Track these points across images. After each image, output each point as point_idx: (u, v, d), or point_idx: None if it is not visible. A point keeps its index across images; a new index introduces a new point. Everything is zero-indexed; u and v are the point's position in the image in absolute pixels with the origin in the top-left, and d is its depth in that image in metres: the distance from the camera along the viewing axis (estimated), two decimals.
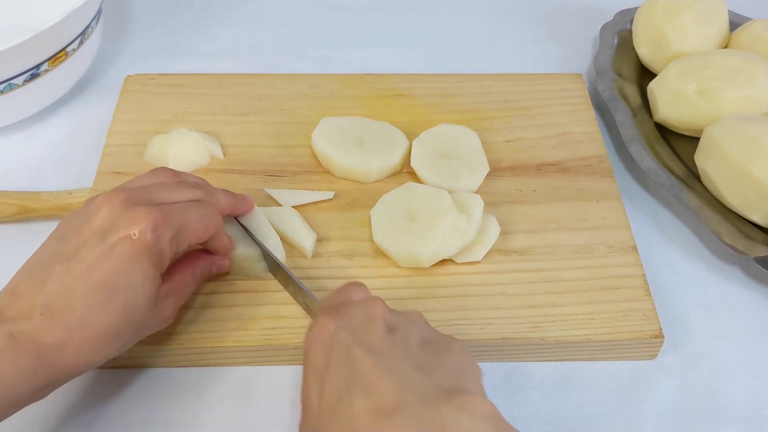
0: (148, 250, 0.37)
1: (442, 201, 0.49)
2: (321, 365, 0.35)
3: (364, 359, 0.33)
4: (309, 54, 0.70)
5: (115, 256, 0.37)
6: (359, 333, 0.35)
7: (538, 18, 0.76)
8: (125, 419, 0.44)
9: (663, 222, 0.56)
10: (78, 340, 0.36)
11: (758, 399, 0.46)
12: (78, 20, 0.57)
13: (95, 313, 0.36)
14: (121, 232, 0.37)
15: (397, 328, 0.36)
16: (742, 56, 0.57)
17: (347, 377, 0.33)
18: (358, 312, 0.37)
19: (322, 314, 0.37)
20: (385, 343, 0.35)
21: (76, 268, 0.37)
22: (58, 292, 0.36)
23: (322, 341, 0.36)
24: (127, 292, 0.37)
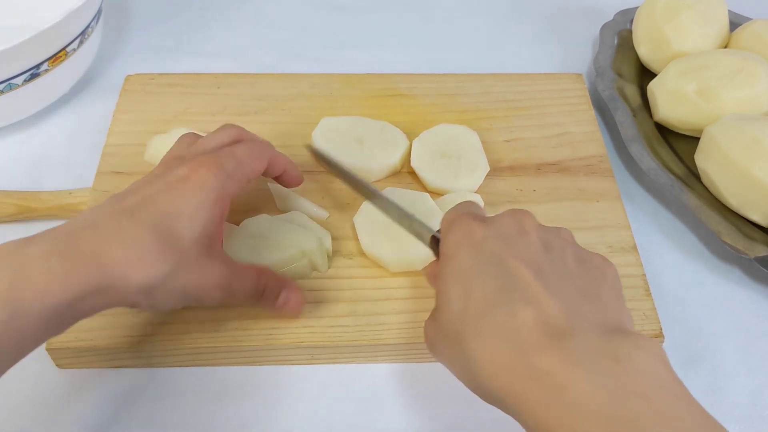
0: (205, 187, 0.38)
1: (424, 204, 0.49)
2: (467, 268, 0.34)
3: (523, 272, 0.33)
4: (309, 54, 0.70)
5: (173, 189, 0.38)
6: (513, 244, 0.34)
7: (538, 18, 0.76)
8: (126, 419, 0.44)
9: (663, 222, 0.56)
10: (116, 252, 0.35)
11: (758, 399, 0.46)
12: (78, 20, 0.57)
13: (140, 229, 0.36)
14: (180, 173, 0.39)
15: (551, 245, 0.36)
16: (742, 56, 0.57)
17: (504, 287, 0.33)
18: (509, 222, 0.36)
19: (464, 219, 0.36)
20: (543, 260, 0.34)
21: (130, 198, 0.38)
22: (109, 214, 0.36)
23: (470, 244, 0.35)
24: (176, 218, 0.37)
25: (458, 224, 0.36)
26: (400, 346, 0.45)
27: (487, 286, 0.33)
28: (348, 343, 0.45)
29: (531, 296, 0.32)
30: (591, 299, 0.33)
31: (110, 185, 0.53)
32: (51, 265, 0.33)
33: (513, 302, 0.32)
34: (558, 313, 0.31)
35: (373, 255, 0.48)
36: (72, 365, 0.46)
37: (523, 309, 0.31)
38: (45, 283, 0.33)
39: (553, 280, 0.33)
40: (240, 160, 0.41)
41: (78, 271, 0.34)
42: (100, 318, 0.45)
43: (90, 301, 0.34)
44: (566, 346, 0.30)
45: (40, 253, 0.34)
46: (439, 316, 0.35)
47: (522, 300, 0.32)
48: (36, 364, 0.45)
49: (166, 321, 0.45)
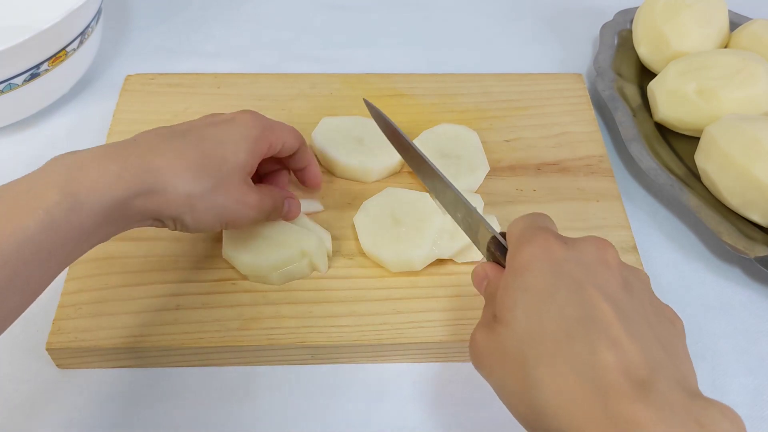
0: (247, 126, 0.43)
1: (425, 204, 0.49)
2: (543, 287, 0.32)
3: (605, 308, 0.31)
4: (309, 54, 0.70)
5: (219, 125, 0.42)
6: (593, 274, 0.33)
7: (538, 18, 0.76)
8: (126, 419, 0.44)
9: (663, 222, 0.56)
10: (164, 160, 0.38)
11: (758, 399, 0.46)
12: (78, 20, 0.57)
13: (186, 146, 0.40)
14: (227, 117, 0.44)
15: (631, 285, 0.34)
16: (742, 56, 0.57)
17: (584, 319, 0.31)
18: (591, 249, 0.34)
19: (544, 234, 0.34)
20: (623, 298, 0.32)
21: (180, 126, 0.42)
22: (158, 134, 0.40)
23: (547, 262, 0.33)
24: (219, 144, 0.41)
25: (537, 237, 0.34)
26: (399, 346, 0.45)
27: (564, 313, 0.31)
28: (348, 343, 0.45)
29: (613, 337, 0.30)
30: (668, 352, 0.32)
31: None
32: (106, 164, 0.36)
33: (594, 339, 0.30)
34: (639, 360, 0.30)
35: (373, 255, 0.48)
36: (72, 365, 0.46)
37: (605, 349, 0.30)
38: (101, 178, 0.36)
39: (633, 322, 0.31)
40: (279, 126, 0.45)
41: (130, 171, 0.37)
42: (100, 318, 0.45)
43: (141, 202, 0.37)
44: (651, 399, 0.28)
45: (94, 156, 0.37)
46: (500, 330, 0.33)
47: (604, 339, 0.30)
48: (36, 364, 0.46)
49: (166, 321, 0.45)
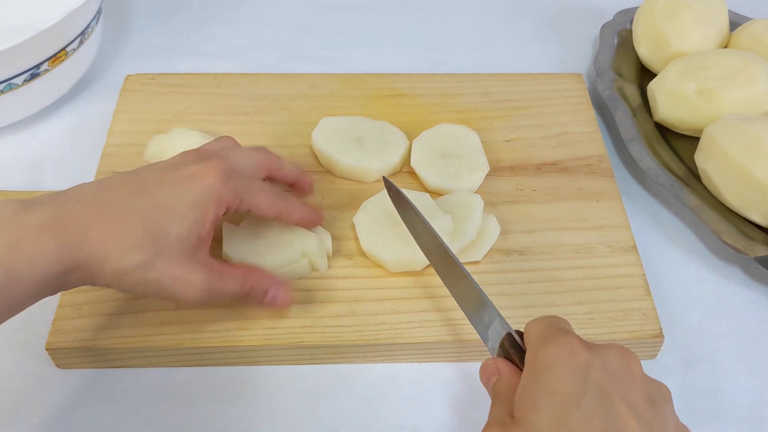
0: (206, 190, 0.39)
1: (424, 204, 0.49)
2: (568, 392, 0.31)
3: (631, 422, 0.30)
4: (309, 54, 0.70)
5: (174, 184, 0.39)
6: (618, 384, 0.32)
7: (538, 18, 0.76)
8: (125, 419, 0.44)
9: (663, 222, 0.56)
10: (101, 230, 0.36)
11: (758, 399, 0.46)
12: (78, 20, 0.57)
13: (129, 214, 0.37)
14: (188, 170, 0.39)
15: (655, 399, 0.33)
16: (742, 56, 0.57)
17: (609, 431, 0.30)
18: (616, 357, 0.33)
19: (567, 336, 0.34)
20: (648, 413, 0.32)
21: (128, 180, 0.39)
22: (104, 191, 0.38)
23: (572, 367, 0.32)
24: (166, 213, 0.38)
25: (560, 338, 0.33)
26: (399, 346, 0.45)
27: (590, 423, 0.30)
28: (348, 343, 0.45)
29: None
30: None
31: None
32: (44, 239, 0.35)
33: None
34: None
35: (372, 255, 0.48)
36: (72, 365, 0.46)
37: None
38: (38, 256, 0.35)
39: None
40: (255, 194, 0.42)
41: (67, 247, 0.36)
42: (100, 318, 0.45)
43: (75, 276, 0.37)
44: None
45: (36, 223, 0.36)
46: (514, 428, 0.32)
47: None
48: (36, 364, 0.45)
49: (165, 321, 0.45)
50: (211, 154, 0.42)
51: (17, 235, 0.35)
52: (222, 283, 0.41)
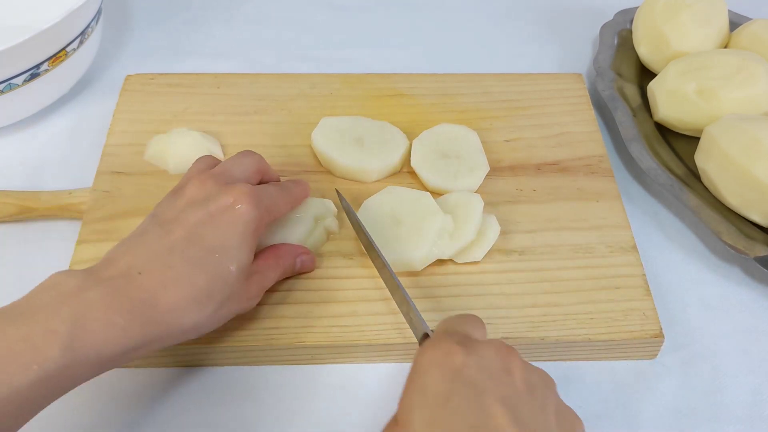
0: (248, 220, 0.40)
1: (425, 203, 0.49)
2: (438, 393, 0.32)
3: (501, 415, 0.31)
4: (309, 54, 0.70)
5: (217, 221, 0.39)
6: (493, 380, 0.32)
7: (538, 18, 0.76)
8: (125, 419, 0.44)
9: (663, 222, 0.56)
10: (172, 297, 0.37)
11: (758, 399, 0.46)
12: (78, 20, 0.57)
13: (191, 270, 0.37)
14: (222, 201, 0.40)
15: (534, 387, 0.34)
16: (742, 56, 0.57)
17: (477, 426, 0.31)
18: (494, 355, 0.34)
19: (447, 339, 0.34)
20: (524, 404, 0.32)
21: (176, 230, 0.39)
22: (159, 252, 0.37)
23: (445, 368, 0.33)
24: (223, 253, 0.39)
25: (440, 342, 0.34)
26: (399, 346, 0.45)
27: (459, 420, 0.31)
28: (348, 343, 0.45)
29: None
30: None
31: (110, 185, 0.53)
32: (111, 316, 0.35)
33: None
34: None
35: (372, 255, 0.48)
36: None
37: None
38: (105, 335, 0.34)
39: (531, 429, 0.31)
40: (275, 201, 0.43)
41: (137, 322, 0.35)
42: None
43: (144, 350, 0.37)
44: None
45: (99, 300, 0.35)
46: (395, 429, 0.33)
47: None
48: None
49: None
50: (224, 177, 0.42)
51: (81, 312, 0.34)
52: (268, 281, 0.44)
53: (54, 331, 0.33)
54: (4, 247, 0.52)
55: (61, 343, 0.33)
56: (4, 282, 0.50)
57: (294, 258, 0.46)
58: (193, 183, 0.41)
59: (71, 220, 0.53)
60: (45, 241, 0.52)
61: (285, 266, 0.46)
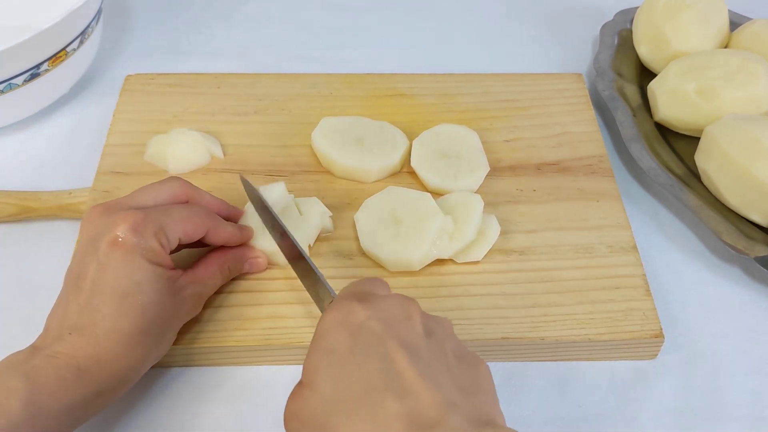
0: (137, 248, 0.39)
1: (426, 203, 0.49)
2: (343, 349, 0.33)
3: (402, 358, 0.32)
4: (309, 54, 0.70)
5: (109, 263, 0.38)
6: (394, 328, 0.33)
7: (537, 18, 0.76)
8: (125, 419, 0.44)
9: (663, 222, 0.56)
10: (109, 349, 0.37)
11: (758, 399, 0.46)
12: (78, 20, 0.57)
13: (114, 319, 0.38)
14: (105, 238, 0.39)
15: (432, 332, 0.35)
16: (742, 56, 0.57)
17: (380, 371, 0.32)
18: (393, 305, 0.35)
19: (348, 299, 0.35)
20: (422, 346, 0.33)
21: (83, 285, 0.38)
22: (78, 311, 0.38)
23: (348, 325, 0.33)
24: (135, 292, 0.38)
25: (341, 303, 0.35)
26: None
27: (363, 370, 0.32)
28: None
29: (407, 386, 0.31)
30: (466, 393, 0.32)
31: (110, 185, 0.53)
32: (60, 372, 0.36)
33: (386, 391, 0.31)
34: (431, 403, 0.30)
35: (372, 254, 0.48)
36: None
37: (395, 400, 0.30)
38: (58, 388, 0.36)
39: (431, 368, 0.32)
40: (173, 219, 0.41)
41: (84, 376, 0.37)
42: None
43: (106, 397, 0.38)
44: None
45: (46, 364, 0.36)
46: (306, 394, 0.33)
47: (397, 389, 0.31)
48: None
49: None
50: (116, 206, 0.41)
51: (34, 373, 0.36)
52: (208, 289, 0.44)
53: (12, 387, 0.35)
54: (4, 247, 0.52)
55: (21, 397, 0.34)
56: (4, 282, 0.50)
57: (243, 262, 0.46)
58: (85, 220, 0.41)
59: (71, 220, 0.53)
60: (45, 241, 0.52)
61: (231, 271, 0.46)
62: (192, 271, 0.43)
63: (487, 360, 0.46)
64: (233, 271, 0.46)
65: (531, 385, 0.46)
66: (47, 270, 0.50)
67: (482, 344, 0.45)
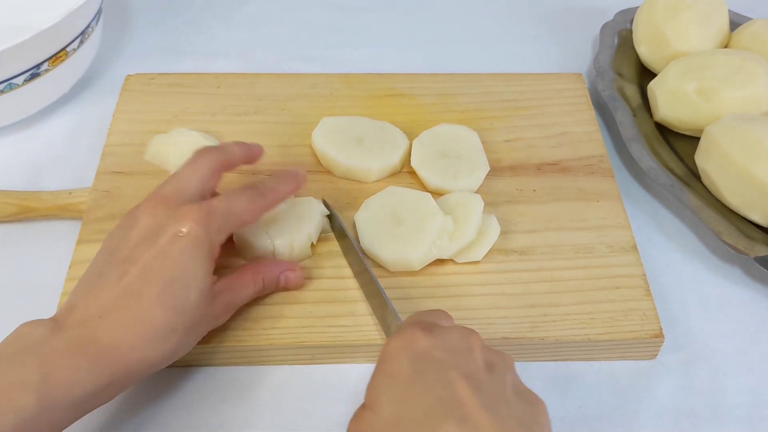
0: (198, 244, 0.39)
1: (426, 204, 0.49)
2: (405, 374, 0.34)
3: (464, 387, 0.33)
4: (309, 54, 0.70)
5: (168, 252, 0.38)
6: (457, 358, 0.34)
7: (537, 17, 0.76)
8: (125, 419, 0.44)
9: (663, 222, 0.56)
10: (133, 337, 0.37)
11: (758, 399, 0.46)
12: (78, 20, 0.57)
13: (150, 307, 0.38)
14: (170, 230, 0.39)
15: (494, 365, 0.36)
16: (742, 56, 0.57)
17: (441, 398, 0.32)
18: (457, 336, 0.36)
19: (412, 327, 0.36)
20: (484, 378, 0.34)
21: (131, 270, 0.38)
22: (116, 295, 0.38)
23: (412, 352, 0.35)
24: (180, 285, 0.38)
25: (406, 330, 0.36)
26: None
27: (426, 395, 0.33)
28: (348, 343, 0.45)
29: (467, 414, 0.32)
30: (523, 426, 0.33)
31: (110, 185, 0.53)
32: (76, 362, 0.36)
33: (447, 416, 0.31)
34: (487, 428, 0.31)
35: (372, 254, 0.48)
36: None
37: (454, 425, 0.31)
38: (71, 379, 0.35)
39: (491, 399, 0.33)
40: (234, 213, 0.41)
41: (101, 366, 0.36)
42: None
43: (114, 389, 0.38)
44: None
45: (64, 348, 0.36)
46: (367, 415, 0.34)
47: (457, 415, 0.32)
48: None
49: None
50: (174, 198, 0.41)
51: (50, 355, 0.35)
52: (239, 299, 0.44)
53: (27, 379, 0.34)
54: (4, 247, 0.52)
55: (35, 389, 0.34)
56: (4, 282, 0.50)
57: (277, 275, 0.46)
58: (144, 211, 0.40)
59: (71, 220, 0.53)
60: (45, 241, 0.52)
61: (265, 283, 0.45)
62: (227, 278, 0.43)
63: None
64: (268, 284, 0.45)
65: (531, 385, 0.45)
66: (47, 270, 0.50)
67: None
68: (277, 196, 0.45)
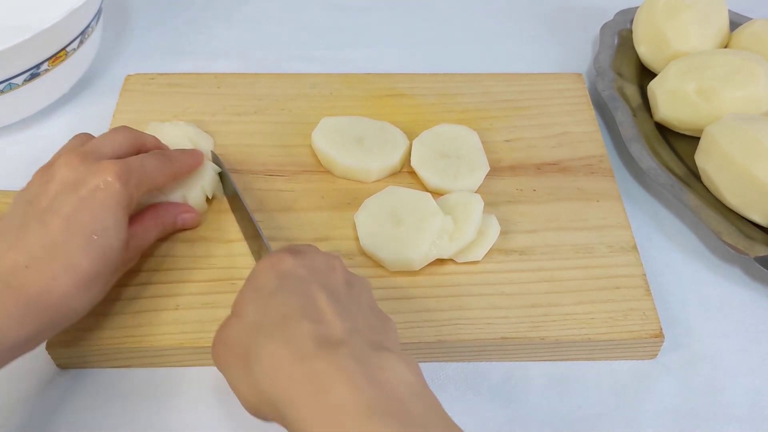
0: (118, 197, 0.41)
1: (426, 204, 0.49)
2: (269, 287, 0.36)
3: (322, 296, 0.35)
4: (309, 54, 0.70)
5: (89, 204, 0.40)
6: (319, 275, 0.37)
7: (537, 17, 0.76)
8: (125, 419, 0.44)
9: (663, 222, 0.56)
10: (63, 286, 0.39)
11: (758, 399, 0.46)
12: (78, 20, 0.57)
13: (77, 258, 0.39)
14: (91, 183, 0.41)
15: (352, 284, 0.39)
16: (742, 56, 0.57)
17: (302, 305, 0.35)
18: (320, 259, 0.39)
19: (280, 251, 0.39)
20: (342, 292, 0.37)
21: (53, 220, 0.40)
22: (41, 245, 0.39)
23: (277, 270, 0.37)
24: (102, 235, 0.40)
25: (273, 254, 0.39)
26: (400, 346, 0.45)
27: (287, 303, 0.35)
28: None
29: (321, 315, 0.35)
30: (376, 331, 0.36)
31: None
32: (7, 309, 0.37)
33: (304, 318, 0.34)
34: (340, 329, 0.34)
35: (371, 254, 0.48)
36: (72, 365, 0.46)
37: (309, 323, 0.34)
38: (2, 325, 0.36)
39: (346, 309, 0.36)
40: (147, 172, 0.44)
41: (30, 313, 0.37)
42: (100, 318, 0.45)
43: (42, 336, 0.39)
44: (336, 353, 0.32)
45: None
46: (232, 322, 0.37)
47: (313, 317, 0.34)
48: (36, 363, 0.45)
49: (165, 321, 0.45)
50: (93, 154, 0.43)
51: None
52: (146, 241, 0.47)
53: None
54: None
55: None
56: None
57: (174, 216, 0.49)
58: (62, 163, 0.42)
59: None
60: None
61: (165, 225, 0.48)
62: (132, 225, 0.45)
63: (486, 360, 0.47)
64: (167, 225, 0.49)
65: (530, 385, 0.46)
66: None
67: (482, 344, 0.45)
68: (182, 164, 0.48)
